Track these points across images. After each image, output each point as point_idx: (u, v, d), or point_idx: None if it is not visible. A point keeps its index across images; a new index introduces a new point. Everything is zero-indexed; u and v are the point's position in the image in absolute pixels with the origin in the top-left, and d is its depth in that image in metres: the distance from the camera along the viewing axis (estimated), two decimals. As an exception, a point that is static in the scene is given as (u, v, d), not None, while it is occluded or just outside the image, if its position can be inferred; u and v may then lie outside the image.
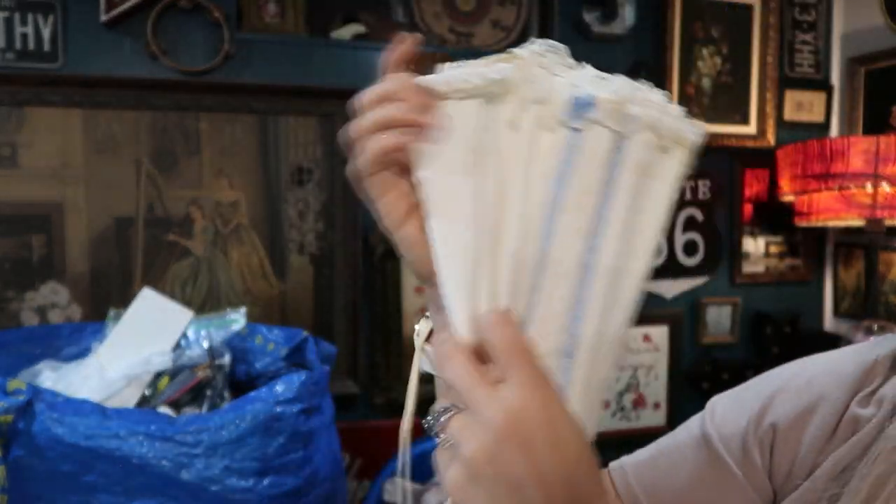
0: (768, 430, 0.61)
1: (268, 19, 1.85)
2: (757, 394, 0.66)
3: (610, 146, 0.49)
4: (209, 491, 0.88)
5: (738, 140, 2.23)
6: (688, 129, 0.53)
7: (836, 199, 1.94)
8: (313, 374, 1.05)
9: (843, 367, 0.62)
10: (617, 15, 2.03)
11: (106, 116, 1.69)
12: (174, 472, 0.86)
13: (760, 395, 0.65)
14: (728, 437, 0.63)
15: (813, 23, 2.32)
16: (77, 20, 1.68)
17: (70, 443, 0.85)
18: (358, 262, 1.87)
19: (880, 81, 2.20)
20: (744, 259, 2.30)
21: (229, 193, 1.80)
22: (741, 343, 2.33)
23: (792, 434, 0.60)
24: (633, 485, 0.68)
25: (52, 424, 0.85)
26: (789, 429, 0.60)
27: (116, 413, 0.88)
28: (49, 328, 1.33)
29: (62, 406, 0.86)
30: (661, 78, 2.14)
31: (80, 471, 0.86)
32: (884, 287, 2.18)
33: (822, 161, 1.92)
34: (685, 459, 0.66)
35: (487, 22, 2.06)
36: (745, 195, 2.29)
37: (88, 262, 1.71)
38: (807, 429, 0.59)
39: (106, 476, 0.86)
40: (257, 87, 1.77)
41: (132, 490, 0.87)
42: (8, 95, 1.62)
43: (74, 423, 0.85)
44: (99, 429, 0.86)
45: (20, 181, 1.66)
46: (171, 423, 0.88)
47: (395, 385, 1.93)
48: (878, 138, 1.85)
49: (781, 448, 0.60)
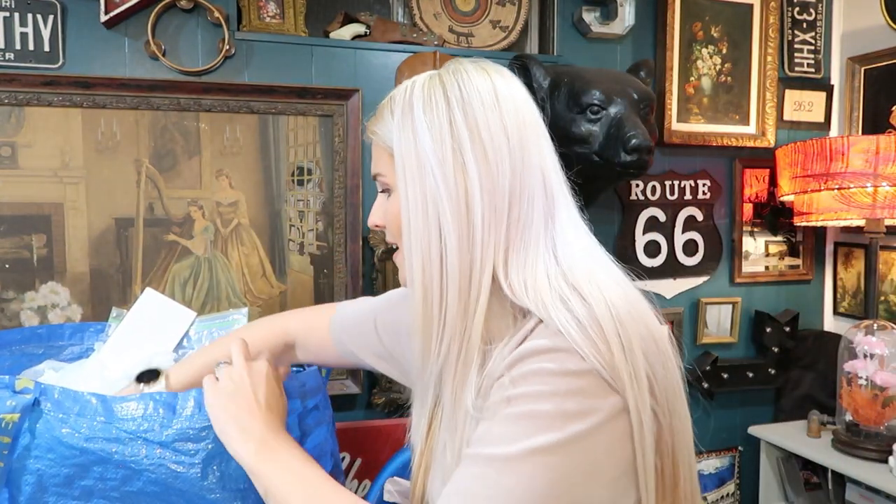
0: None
1: (268, 19, 1.85)
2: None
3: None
4: (206, 499, 0.88)
5: (738, 140, 2.23)
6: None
7: (835, 198, 1.94)
8: (312, 374, 1.05)
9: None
10: (617, 15, 2.03)
11: (106, 116, 1.69)
12: (171, 478, 0.86)
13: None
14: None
15: (813, 22, 2.32)
16: (77, 20, 1.68)
17: (70, 444, 0.85)
18: (358, 262, 1.87)
19: (880, 81, 2.21)
20: (744, 259, 2.30)
21: (229, 193, 1.80)
22: (741, 343, 2.33)
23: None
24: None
25: (56, 424, 0.85)
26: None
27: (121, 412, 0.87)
28: (51, 328, 1.33)
29: (68, 405, 0.86)
30: (661, 78, 2.14)
31: (77, 474, 0.86)
32: (884, 287, 2.19)
33: (821, 161, 1.92)
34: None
35: (487, 22, 2.06)
36: (745, 195, 2.30)
37: (88, 262, 1.71)
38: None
39: (103, 481, 0.86)
40: (257, 87, 1.77)
41: (128, 496, 0.87)
42: (8, 95, 1.62)
43: (79, 423, 0.85)
44: (100, 431, 0.86)
45: (20, 181, 1.65)
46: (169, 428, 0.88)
47: (395, 385, 1.93)
48: (877, 138, 1.85)
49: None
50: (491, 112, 0.73)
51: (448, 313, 0.71)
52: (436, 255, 0.71)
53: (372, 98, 1.88)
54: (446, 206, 0.70)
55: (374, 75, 1.89)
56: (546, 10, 2.11)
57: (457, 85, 0.74)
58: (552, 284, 0.69)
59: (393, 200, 0.77)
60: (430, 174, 0.71)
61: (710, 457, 2.28)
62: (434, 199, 0.71)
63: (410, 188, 0.72)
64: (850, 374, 1.90)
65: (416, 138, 0.72)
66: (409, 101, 0.74)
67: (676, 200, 2.22)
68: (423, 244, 0.71)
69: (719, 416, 2.25)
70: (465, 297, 0.71)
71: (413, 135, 0.73)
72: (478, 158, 0.71)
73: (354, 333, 1.05)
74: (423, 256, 0.71)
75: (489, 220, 0.71)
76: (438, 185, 0.71)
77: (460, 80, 0.74)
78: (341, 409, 1.91)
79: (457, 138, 0.71)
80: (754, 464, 2.26)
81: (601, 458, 0.63)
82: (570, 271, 0.71)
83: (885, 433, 1.86)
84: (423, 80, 0.76)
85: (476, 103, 0.73)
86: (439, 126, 0.72)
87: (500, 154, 0.72)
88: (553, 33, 2.08)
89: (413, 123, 0.73)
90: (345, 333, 1.06)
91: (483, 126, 0.72)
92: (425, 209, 0.71)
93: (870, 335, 1.87)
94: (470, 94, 0.73)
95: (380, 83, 1.89)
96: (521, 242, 0.72)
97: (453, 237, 0.70)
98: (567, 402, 0.63)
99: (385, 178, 0.78)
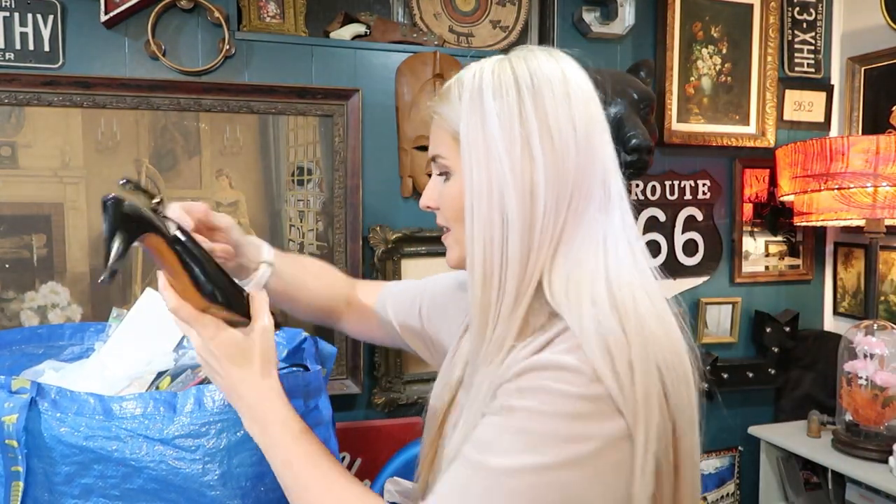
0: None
1: (268, 19, 1.85)
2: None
3: None
4: (207, 496, 0.88)
5: (738, 140, 2.23)
6: None
7: (835, 198, 1.94)
8: (315, 375, 1.05)
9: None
10: (617, 15, 2.03)
11: (106, 116, 1.69)
12: (171, 475, 0.86)
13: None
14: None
15: (813, 22, 2.32)
16: (77, 20, 1.68)
17: (70, 443, 0.85)
18: (358, 262, 1.87)
19: (880, 81, 2.21)
20: (744, 259, 2.31)
21: (229, 193, 1.80)
22: (741, 343, 2.33)
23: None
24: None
25: (54, 423, 0.85)
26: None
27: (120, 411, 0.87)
28: (51, 328, 1.33)
29: (66, 404, 0.86)
30: (661, 78, 2.14)
31: (77, 472, 0.86)
32: (884, 287, 2.19)
33: (821, 161, 1.93)
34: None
35: (487, 22, 2.06)
36: (745, 195, 2.30)
37: (88, 262, 1.71)
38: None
39: (103, 479, 0.86)
40: (257, 87, 1.77)
41: (129, 494, 0.87)
42: (8, 95, 1.62)
43: (77, 422, 0.85)
44: (99, 429, 0.86)
45: (20, 181, 1.65)
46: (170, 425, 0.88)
47: (395, 385, 1.93)
48: (877, 138, 1.85)
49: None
50: (561, 104, 0.72)
51: (504, 301, 0.71)
52: (498, 241, 0.71)
53: (372, 98, 1.88)
54: (511, 194, 0.70)
55: (374, 75, 1.89)
56: (546, 10, 2.11)
57: (528, 73, 0.73)
58: (591, 289, 0.69)
59: (452, 184, 0.77)
60: (496, 160, 0.71)
61: (710, 457, 2.28)
62: (500, 185, 0.70)
63: (476, 173, 0.72)
64: (850, 374, 1.90)
65: (485, 124, 0.72)
66: (478, 86, 0.73)
67: (676, 200, 2.22)
68: (487, 230, 0.71)
69: (719, 416, 2.25)
70: (518, 287, 0.71)
71: (482, 120, 0.72)
72: (545, 149, 0.70)
73: (398, 302, 1.10)
74: (485, 242, 0.71)
75: (550, 213, 0.70)
76: (505, 171, 0.70)
77: (532, 68, 0.73)
78: (341, 409, 1.91)
79: (525, 127, 0.71)
80: (754, 464, 2.26)
81: (590, 485, 0.63)
82: (611, 279, 0.70)
83: (885, 433, 1.86)
84: (492, 64, 0.75)
85: (547, 94, 0.72)
86: (509, 114, 0.71)
87: (567, 147, 0.71)
88: (553, 33, 2.08)
89: (482, 109, 0.72)
90: (390, 300, 1.11)
91: (552, 117, 0.71)
92: (490, 195, 0.71)
93: (870, 335, 1.87)
94: (541, 83, 0.72)
95: (380, 83, 1.89)
96: (572, 240, 0.71)
97: (516, 225, 0.70)
98: (565, 426, 0.62)
99: (445, 160, 0.78)
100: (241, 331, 0.80)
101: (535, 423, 0.63)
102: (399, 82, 1.90)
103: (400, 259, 1.92)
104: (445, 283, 1.07)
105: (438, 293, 1.07)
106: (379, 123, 1.90)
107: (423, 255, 1.94)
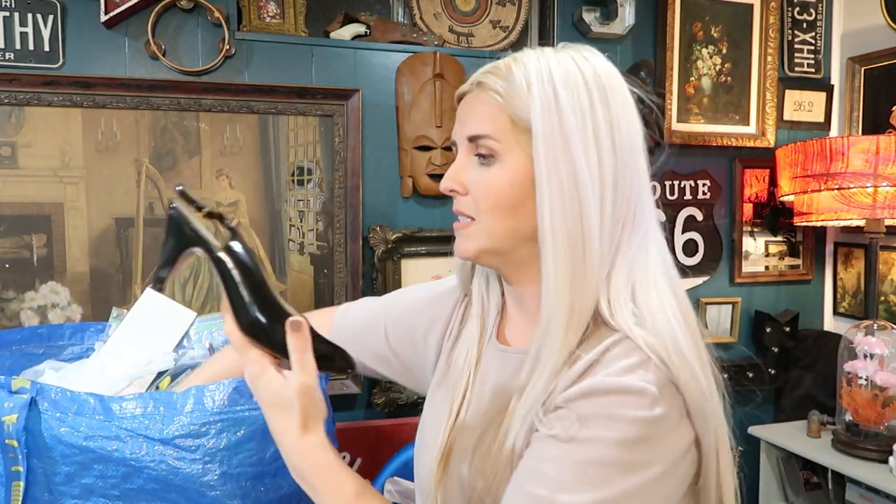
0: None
1: (268, 19, 1.85)
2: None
3: None
4: (207, 496, 0.88)
5: (738, 140, 2.23)
6: None
7: (835, 198, 1.94)
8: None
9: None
10: (617, 15, 2.03)
11: (106, 116, 1.69)
12: (171, 475, 0.86)
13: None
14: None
15: (813, 22, 2.32)
16: (77, 20, 1.68)
17: (70, 443, 0.85)
18: (358, 262, 1.87)
19: (880, 81, 2.21)
20: (744, 259, 2.30)
21: (229, 193, 1.80)
22: (741, 343, 2.33)
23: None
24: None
25: (54, 423, 0.85)
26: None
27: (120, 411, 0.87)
28: (51, 328, 1.33)
29: (66, 404, 0.86)
30: (661, 78, 2.14)
31: (77, 472, 0.86)
32: (884, 287, 2.19)
33: (821, 161, 1.93)
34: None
35: (487, 22, 2.06)
36: (745, 195, 2.30)
37: (88, 262, 1.71)
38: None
39: (103, 479, 0.86)
40: (257, 87, 1.77)
41: (128, 494, 0.87)
42: (8, 95, 1.62)
43: (77, 422, 0.85)
44: (99, 429, 0.86)
45: (20, 181, 1.65)
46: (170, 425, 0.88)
47: (395, 385, 1.93)
48: (877, 138, 1.85)
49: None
50: (629, 111, 0.72)
51: (585, 304, 0.69)
52: (577, 239, 0.68)
53: (372, 98, 1.88)
54: (589, 195, 0.68)
55: (374, 75, 1.89)
56: (546, 10, 2.11)
57: (593, 70, 0.72)
58: (655, 296, 0.69)
59: (497, 171, 0.72)
60: (577, 158, 0.69)
61: (711, 457, 2.28)
62: (579, 184, 0.68)
63: (554, 169, 0.69)
64: (850, 374, 1.90)
65: (562, 119, 0.69)
66: (548, 76, 0.70)
67: (676, 200, 2.22)
68: (568, 228, 0.68)
69: (719, 416, 2.24)
70: (594, 288, 0.69)
71: (558, 115, 0.69)
72: (614, 150, 0.70)
73: (358, 333, 1.00)
74: (569, 240, 0.68)
75: (620, 214, 0.70)
76: (584, 170, 0.68)
77: (598, 70, 0.72)
78: (341, 409, 1.91)
79: (596, 127, 0.70)
80: (754, 464, 2.26)
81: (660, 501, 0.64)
82: (671, 284, 0.71)
83: (885, 433, 1.86)
84: (555, 59, 0.72)
85: (610, 94, 0.71)
86: (581, 111, 0.69)
87: (629, 148, 0.71)
88: (553, 33, 2.08)
89: (557, 102, 0.69)
90: (346, 332, 1.01)
91: (615, 118, 0.70)
92: (571, 194, 0.68)
93: (870, 335, 1.87)
94: (606, 83, 0.71)
95: (380, 83, 1.89)
96: (629, 245, 0.71)
97: (595, 226, 0.69)
98: (631, 454, 0.62)
99: (496, 143, 0.72)
100: (285, 374, 0.70)
101: (602, 454, 0.62)
102: (399, 82, 1.90)
103: (400, 259, 1.92)
104: (409, 301, 1.00)
105: (407, 312, 0.98)
106: (379, 123, 1.90)
107: (423, 255, 1.95)
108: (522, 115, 0.70)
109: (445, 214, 1.98)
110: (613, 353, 0.67)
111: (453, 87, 1.89)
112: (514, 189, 0.71)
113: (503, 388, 0.77)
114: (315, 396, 0.70)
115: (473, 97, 0.75)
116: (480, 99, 0.73)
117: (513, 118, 0.71)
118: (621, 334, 0.67)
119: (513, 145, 0.71)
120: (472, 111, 0.74)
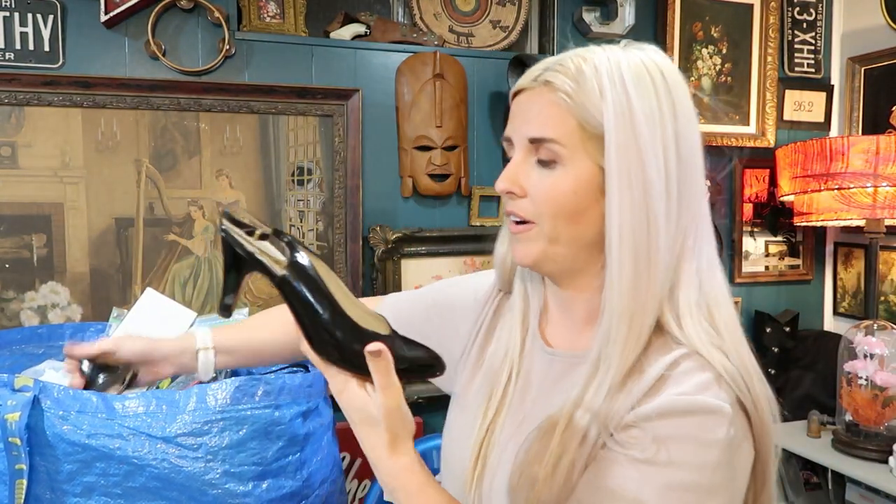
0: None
1: (268, 19, 1.85)
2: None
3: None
4: (208, 494, 0.88)
5: (738, 140, 2.23)
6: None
7: (835, 198, 1.94)
8: (318, 375, 1.05)
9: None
10: (617, 15, 2.03)
11: (106, 116, 1.69)
12: (174, 473, 0.86)
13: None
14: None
15: (813, 22, 2.32)
16: (77, 20, 1.68)
17: (72, 441, 0.85)
18: (358, 262, 1.87)
19: (880, 81, 2.21)
20: (744, 259, 2.31)
21: (229, 193, 1.80)
22: (741, 343, 2.33)
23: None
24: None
25: (57, 421, 0.85)
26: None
27: (122, 409, 0.87)
28: (51, 328, 1.32)
29: (69, 402, 0.86)
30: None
31: (79, 470, 0.86)
32: (884, 287, 2.19)
33: (821, 161, 1.93)
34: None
35: (487, 22, 2.07)
36: (745, 195, 2.30)
37: (88, 262, 1.71)
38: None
39: (105, 477, 0.86)
40: (257, 87, 1.77)
41: (130, 492, 0.87)
42: (8, 95, 1.62)
43: (80, 420, 0.85)
44: (102, 427, 0.85)
45: (20, 181, 1.65)
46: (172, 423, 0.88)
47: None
48: (877, 138, 1.85)
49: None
50: (692, 119, 0.71)
51: (648, 313, 0.68)
52: (643, 248, 0.67)
53: (372, 98, 1.88)
54: (657, 206, 0.67)
55: (374, 75, 1.89)
56: (546, 10, 2.11)
57: (660, 72, 0.70)
58: (717, 312, 0.69)
59: (561, 176, 0.69)
60: (648, 169, 0.67)
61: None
62: (649, 195, 0.67)
63: (626, 180, 0.66)
64: (850, 374, 1.90)
65: (635, 126, 0.67)
66: (620, 79, 0.67)
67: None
68: (635, 238, 0.67)
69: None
70: (657, 298, 0.68)
71: (631, 121, 0.67)
72: (679, 161, 0.69)
73: (402, 322, 0.96)
74: (635, 250, 0.67)
75: (683, 224, 0.69)
76: (654, 181, 0.67)
77: (666, 75, 0.70)
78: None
79: (665, 131, 0.68)
80: (754, 464, 2.26)
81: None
82: (710, 304, 0.70)
83: (885, 433, 1.86)
84: (626, 62, 0.69)
85: (684, 105, 0.70)
86: (652, 116, 0.67)
87: (694, 162, 0.71)
88: (553, 33, 2.08)
89: (630, 107, 0.67)
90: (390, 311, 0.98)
91: (682, 132, 0.70)
92: (641, 204, 0.67)
93: (870, 335, 1.87)
94: (679, 96, 0.70)
95: (380, 83, 1.89)
96: (690, 257, 0.70)
97: (662, 236, 0.67)
98: (715, 476, 0.62)
99: (561, 147, 0.69)
100: (368, 389, 0.70)
101: (683, 478, 0.62)
102: (399, 82, 1.90)
103: (400, 259, 1.92)
104: (451, 291, 0.97)
105: (447, 301, 0.96)
106: (379, 123, 1.90)
107: (423, 255, 1.94)
108: (593, 120, 0.68)
109: (445, 214, 1.98)
110: (682, 367, 0.65)
111: (453, 87, 1.89)
112: (577, 196, 0.69)
113: (549, 392, 0.75)
114: (402, 416, 0.70)
115: (537, 95, 0.71)
116: (547, 99, 0.69)
117: (582, 123, 0.68)
118: (688, 349, 0.66)
119: (579, 151, 0.68)
120: (536, 111, 0.70)
